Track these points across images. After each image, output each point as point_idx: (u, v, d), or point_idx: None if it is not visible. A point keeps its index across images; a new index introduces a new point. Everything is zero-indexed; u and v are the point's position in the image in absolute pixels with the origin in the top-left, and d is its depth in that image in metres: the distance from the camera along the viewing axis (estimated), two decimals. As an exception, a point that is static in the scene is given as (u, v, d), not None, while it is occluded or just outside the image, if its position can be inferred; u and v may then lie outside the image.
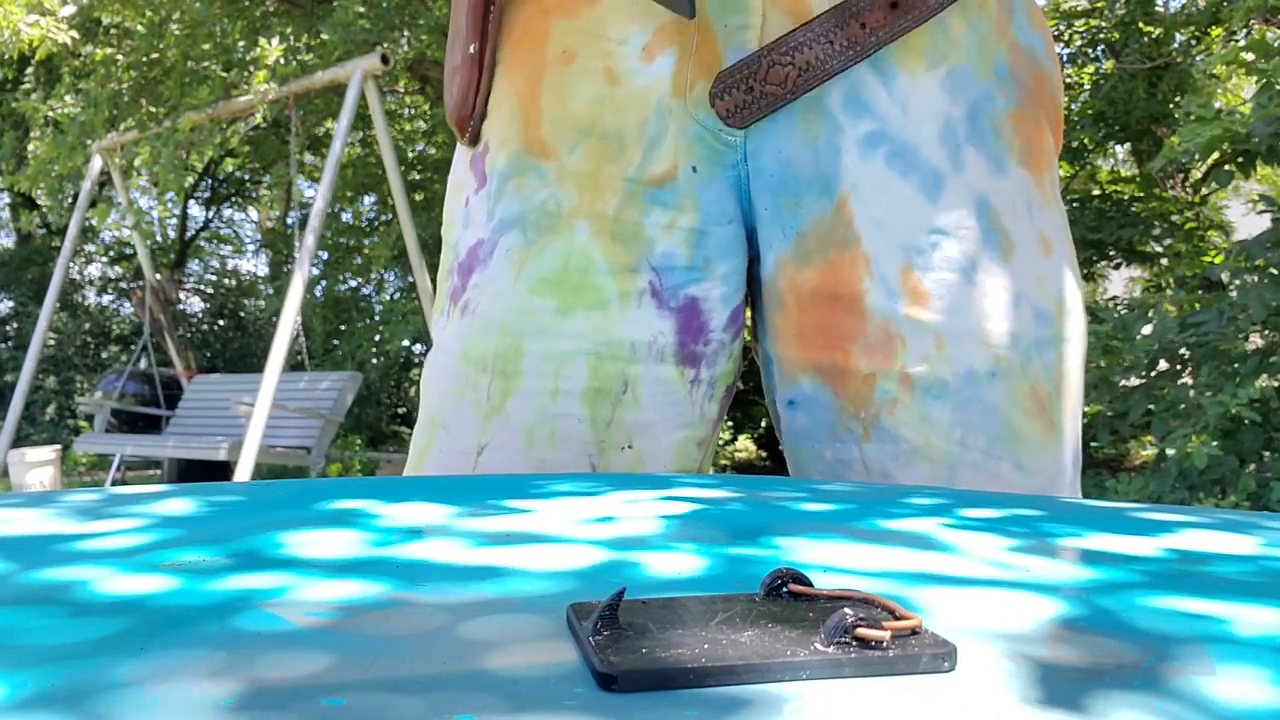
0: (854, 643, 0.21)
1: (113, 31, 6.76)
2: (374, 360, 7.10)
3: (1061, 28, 6.02)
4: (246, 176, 11.81)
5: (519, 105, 0.64)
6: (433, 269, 6.23)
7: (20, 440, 7.59)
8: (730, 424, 7.83)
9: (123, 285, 11.63)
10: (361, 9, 5.83)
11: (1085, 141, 5.84)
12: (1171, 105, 5.42)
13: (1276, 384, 3.39)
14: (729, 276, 0.64)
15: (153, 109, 6.26)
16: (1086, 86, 5.99)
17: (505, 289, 0.63)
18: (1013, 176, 0.62)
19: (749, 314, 0.69)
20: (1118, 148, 6.83)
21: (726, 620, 0.23)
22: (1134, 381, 3.80)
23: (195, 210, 12.57)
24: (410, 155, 8.15)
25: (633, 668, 0.20)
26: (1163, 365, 3.72)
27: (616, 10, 0.62)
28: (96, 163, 6.39)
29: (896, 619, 0.23)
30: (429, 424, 0.68)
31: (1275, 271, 3.43)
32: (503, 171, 0.65)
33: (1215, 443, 3.10)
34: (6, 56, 5.82)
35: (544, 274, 0.62)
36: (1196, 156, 3.46)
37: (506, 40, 0.65)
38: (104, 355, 10.95)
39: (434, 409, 0.67)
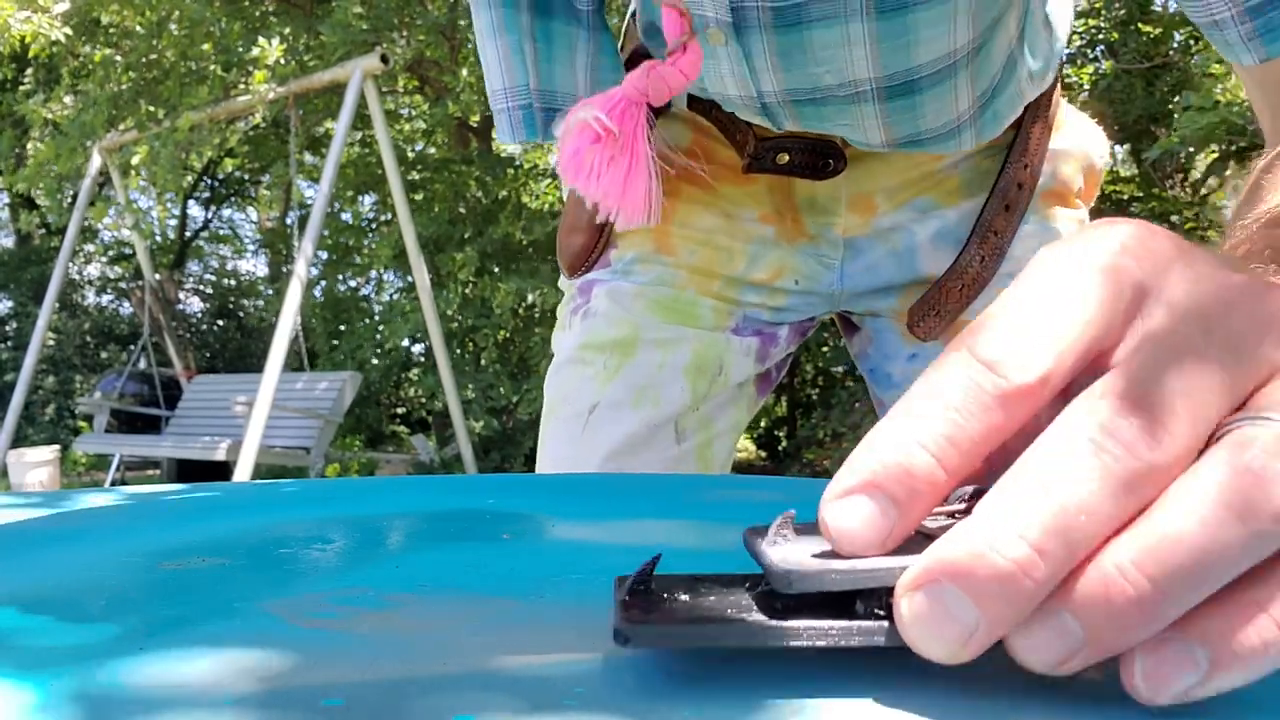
0: (884, 611, 0.21)
1: (111, 31, 6.75)
2: (374, 360, 7.09)
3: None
4: (246, 176, 11.80)
5: (651, 229, 0.77)
6: (432, 268, 6.23)
7: (19, 440, 7.59)
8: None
9: (122, 285, 11.63)
10: (360, 9, 5.83)
11: (1085, 141, 5.82)
12: (1170, 105, 5.43)
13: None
14: (798, 321, 0.80)
15: (152, 109, 6.26)
16: (1086, 87, 5.99)
17: (625, 299, 0.76)
18: (1052, 234, 0.75)
19: (849, 346, 0.86)
20: (1117, 148, 6.84)
21: (766, 591, 0.23)
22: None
23: (195, 210, 12.57)
24: (410, 155, 8.15)
25: (649, 625, 0.21)
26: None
27: (731, 192, 0.76)
28: (96, 162, 6.39)
29: None
30: (547, 411, 0.79)
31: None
32: (631, 258, 0.78)
33: None
34: (2, 53, 5.80)
35: (658, 299, 0.76)
36: (1192, 150, 3.46)
37: None
38: (104, 355, 10.94)
39: (552, 398, 0.79)
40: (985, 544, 0.20)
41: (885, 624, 0.21)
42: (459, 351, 6.81)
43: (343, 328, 7.87)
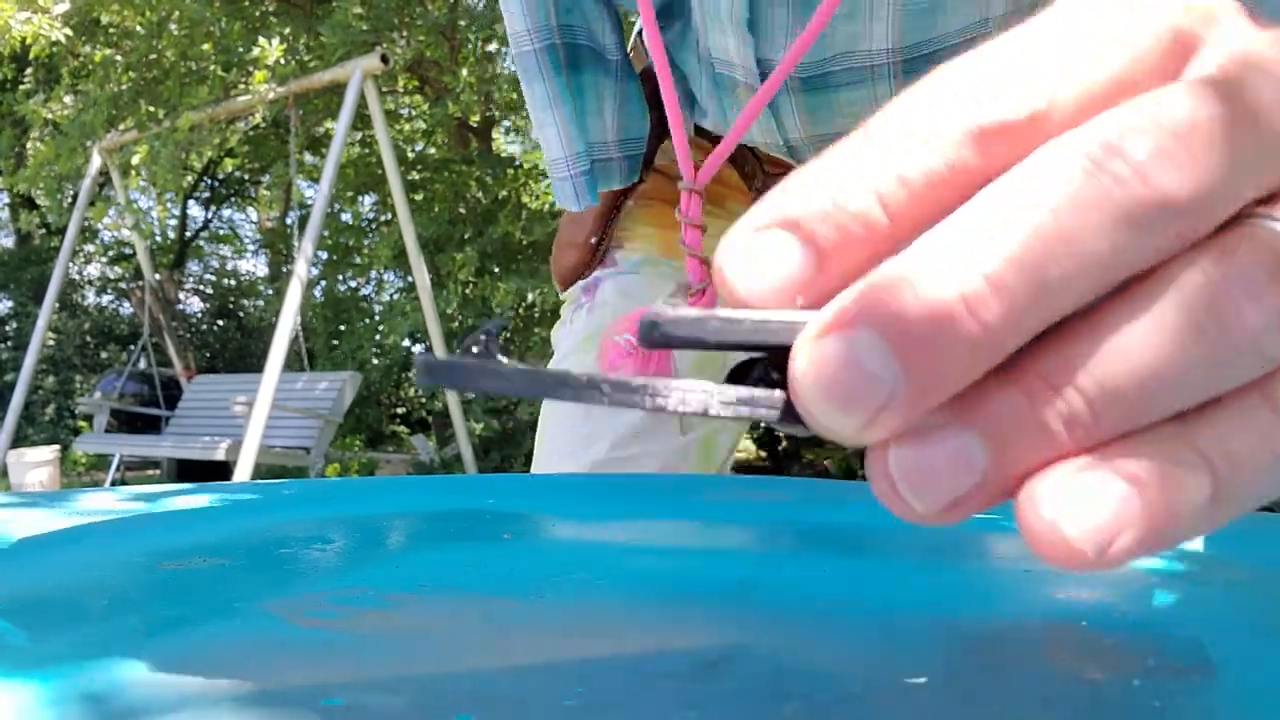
0: (782, 378, 0.16)
1: (111, 31, 6.75)
2: (374, 360, 7.10)
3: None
4: (246, 176, 11.81)
5: (657, 234, 0.78)
6: (432, 268, 6.23)
7: (19, 440, 7.58)
8: (730, 424, 7.80)
9: (122, 285, 11.62)
10: (360, 9, 5.83)
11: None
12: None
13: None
14: None
15: (152, 109, 6.26)
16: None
17: (633, 291, 0.76)
18: None
19: None
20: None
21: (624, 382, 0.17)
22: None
23: (195, 210, 12.57)
24: (410, 155, 8.15)
25: (474, 364, 0.17)
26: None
27: (738, 209, 0.75)
28: (96, 162, 6.39)
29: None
30: (548, 403, 0.81)
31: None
32: (638, 259, 0.78)
33: None
34: (2, 53, 5.81)
35: (664, 296, 0.78)
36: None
37: (646, 196, 0.79)
38: (104, 355, 10.94)
39: None
40: (919, 271, 0.14)
41: (780, 393, 0.16)
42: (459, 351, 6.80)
43: (343, 328, 7.88)
